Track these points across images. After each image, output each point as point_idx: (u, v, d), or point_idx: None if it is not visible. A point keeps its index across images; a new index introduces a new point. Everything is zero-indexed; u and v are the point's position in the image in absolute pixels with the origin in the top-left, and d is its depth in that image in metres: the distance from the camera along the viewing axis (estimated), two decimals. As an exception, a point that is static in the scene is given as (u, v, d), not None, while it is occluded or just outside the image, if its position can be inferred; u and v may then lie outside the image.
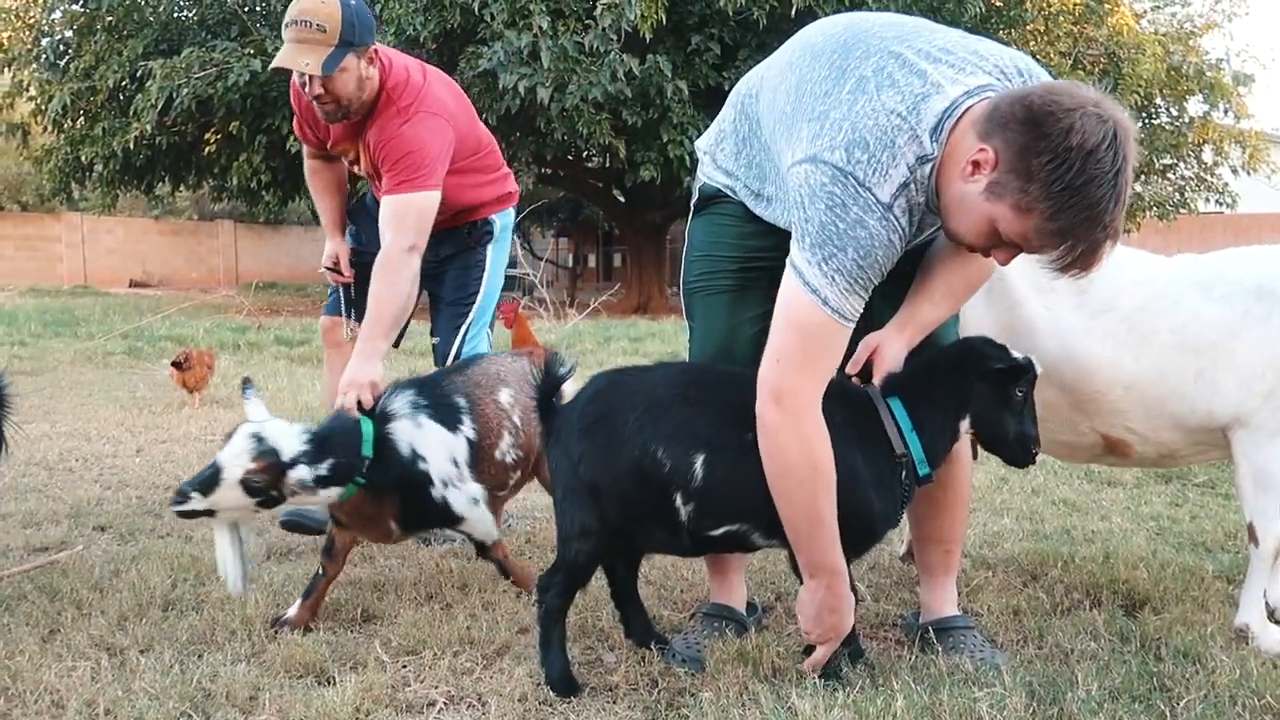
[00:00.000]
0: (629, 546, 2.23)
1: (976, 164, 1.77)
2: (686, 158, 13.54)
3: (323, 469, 2.39)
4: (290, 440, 2.40)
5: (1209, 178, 18.76)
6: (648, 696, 2.13)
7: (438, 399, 2.63)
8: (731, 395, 2.05)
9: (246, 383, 2.66)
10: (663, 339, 10.60)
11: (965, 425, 2.14)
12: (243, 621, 2.50)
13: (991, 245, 1.86)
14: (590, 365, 8.84)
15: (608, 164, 14.80)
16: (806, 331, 1.91)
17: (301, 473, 2.37)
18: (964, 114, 1.81)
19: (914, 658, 2.23)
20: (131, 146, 14.20)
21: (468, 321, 3.37)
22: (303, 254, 30.38)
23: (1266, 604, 2.46)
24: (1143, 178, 18.11)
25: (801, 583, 2.08)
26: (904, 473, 2.06)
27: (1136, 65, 15.00)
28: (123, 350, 9.52)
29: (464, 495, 2.58)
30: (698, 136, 12.38)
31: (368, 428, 2.50)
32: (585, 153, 15.55)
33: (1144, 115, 17.33)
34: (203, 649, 2.38)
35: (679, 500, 2.02)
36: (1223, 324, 2.34)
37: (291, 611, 2.55)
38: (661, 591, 2.83)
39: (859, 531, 2.03)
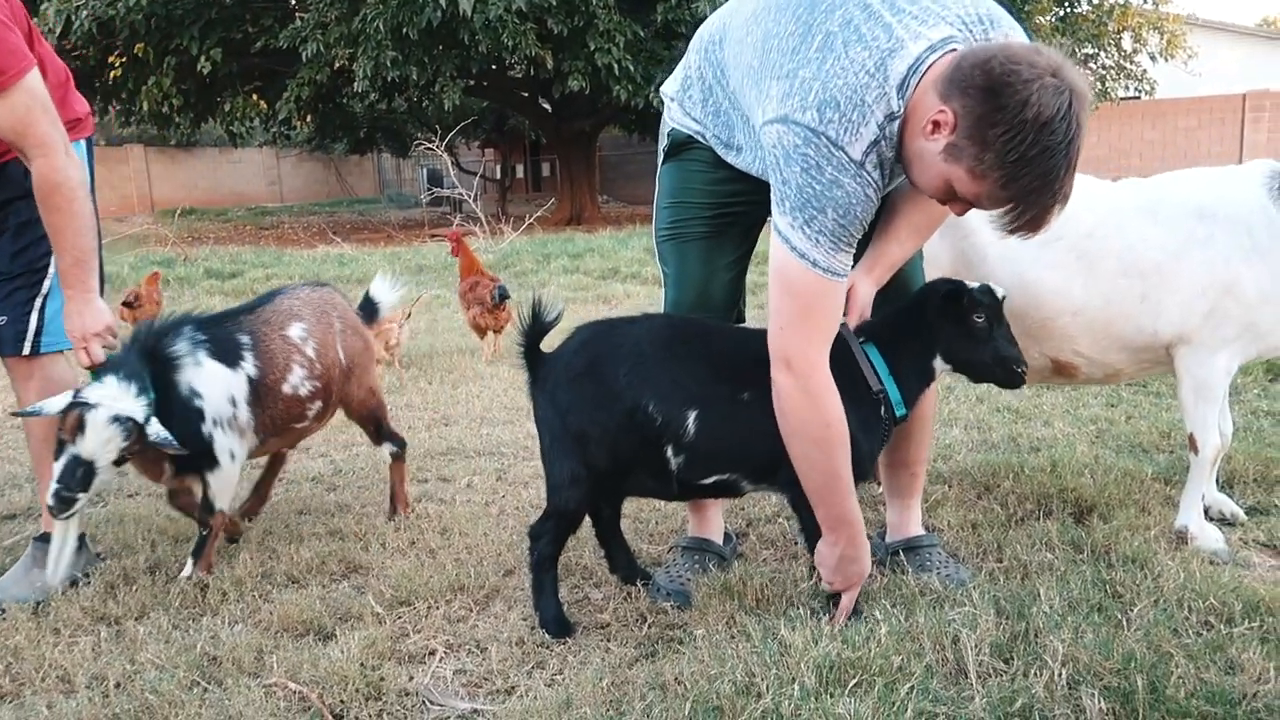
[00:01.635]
0: (614, 489, 2.31)
1: (936, 124, 1.82)
2: (615, 65, 13.34)
3: (154, 416, 2.43)
4: (131, 404, 2.39)
5: (1128, 65, 19.02)
6: (639, 632, 2.24)
7: (218, 336, 2.67)
8: (717, 348, 2.12)
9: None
10: (601, 254, 10.58)
11: (939, 364, 2.22)
12: (234, 583, 2.55)
13: (948, 199, 1.93)
14: (530, 285, 8.83)
15: (532, 73, 14.50)
16: (802, 295, 1.97)
17: (154, 428, 2.41)
18: (927, 70, 1.85)
19: (885, 579, 2.37)
20: (32, 74, 13.48)
21: (43, 292, 2.58)
22: (219, 177, 29.41)
23: (1204, 506, 2.65)
24: (1065, 68, 18.26)
25: (810, 552, 2.19)
26: (882, 408, 2.15)
27: (1059, -45, 15.02)
28: (46, 292, 9.20)
29: (227, 443, 2.62)
30: (625, 43, 12.29)
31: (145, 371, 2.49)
32: (509, 63, 15.20)
33: (1065, 3, 17.42)
34: (197, 613, 2.43)
35: (670, 452, 2.10)
36: (1166, 247, 2.45)
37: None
38: (637, 525, 2.92)
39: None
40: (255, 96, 18.45)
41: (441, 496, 3.25)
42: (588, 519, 2.40)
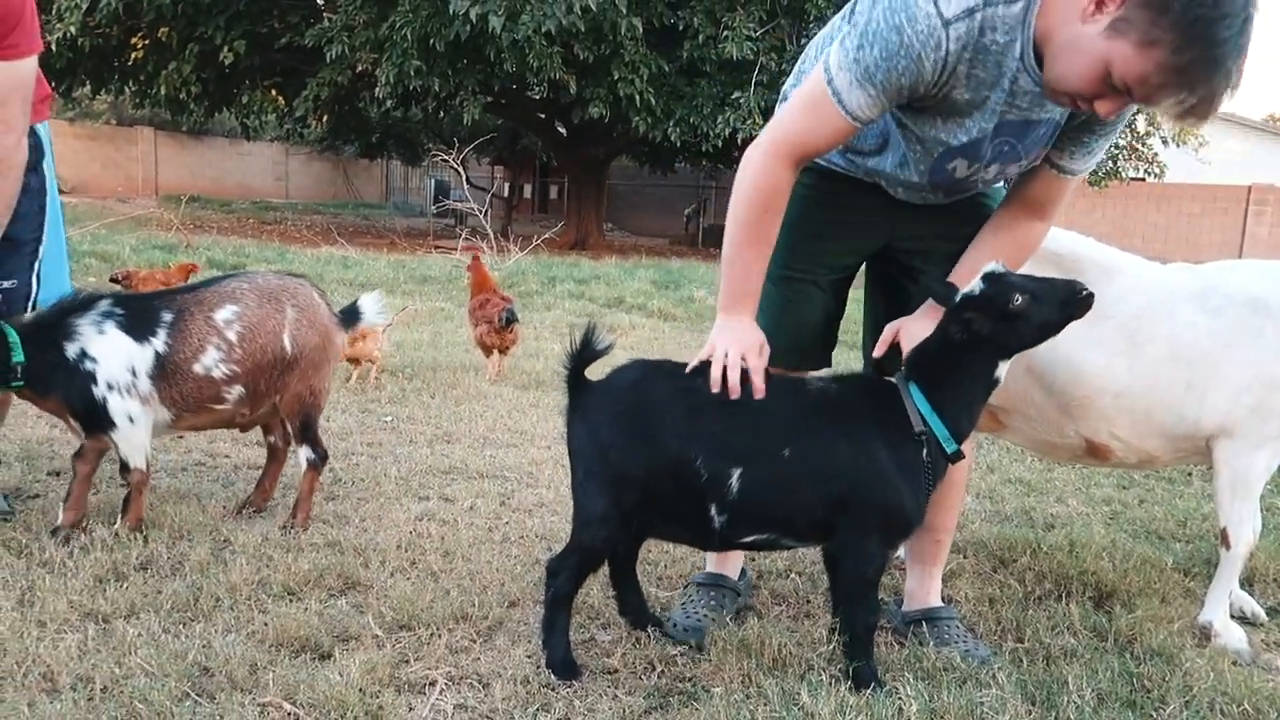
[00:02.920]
0: (640, 534, 2.24)
1: (1101, 2, 1.74)
2: (636, 97, 13.38)
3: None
4: None
5: (1140, 147, 19.18)
6: (648, 681, 2.16)
7: (137, 312, 2.83)
8: (767, 401, 2.05)
9: None
10: (608, 282, 10.53)
11: (1004, 367, 2.09)
12: (228, 589, 2.46)
13: (1097, 94, 1.81)
14: (536, 308, 8.78)
15: (552, 96, 14.52)
16: (805, 97, 2.03)
17: None
18: None
19: (907, 650, 2.29)
20: (54, 48, 13.43)
21: (40, 256, 2.88)
22: (227, 167, 29.38)
23: (1230, 603, 2.58)
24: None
25: (834, 612, 2.17)
26: (925, 450, 2.05)
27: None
28: (46, 266, 9.08)
29: (124, 406, 2.77)
30: (648, 76, 12.33)
31: (12, 335, 2.69)
32: (530, 84, 15.24)
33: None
34: (189, 617, 2.33)
35: (714, 509, 2.03)
36: (1216, 336, 2.41)
37: (60, 518, 2.81)
38: (645, 566, 2.84)
39: (891, 523, 2.05)
40: (274, 91, 18.43)
41: (444, 517, 3.17)
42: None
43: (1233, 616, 2.64)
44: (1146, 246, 23.73)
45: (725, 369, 2.04)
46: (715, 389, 2.02)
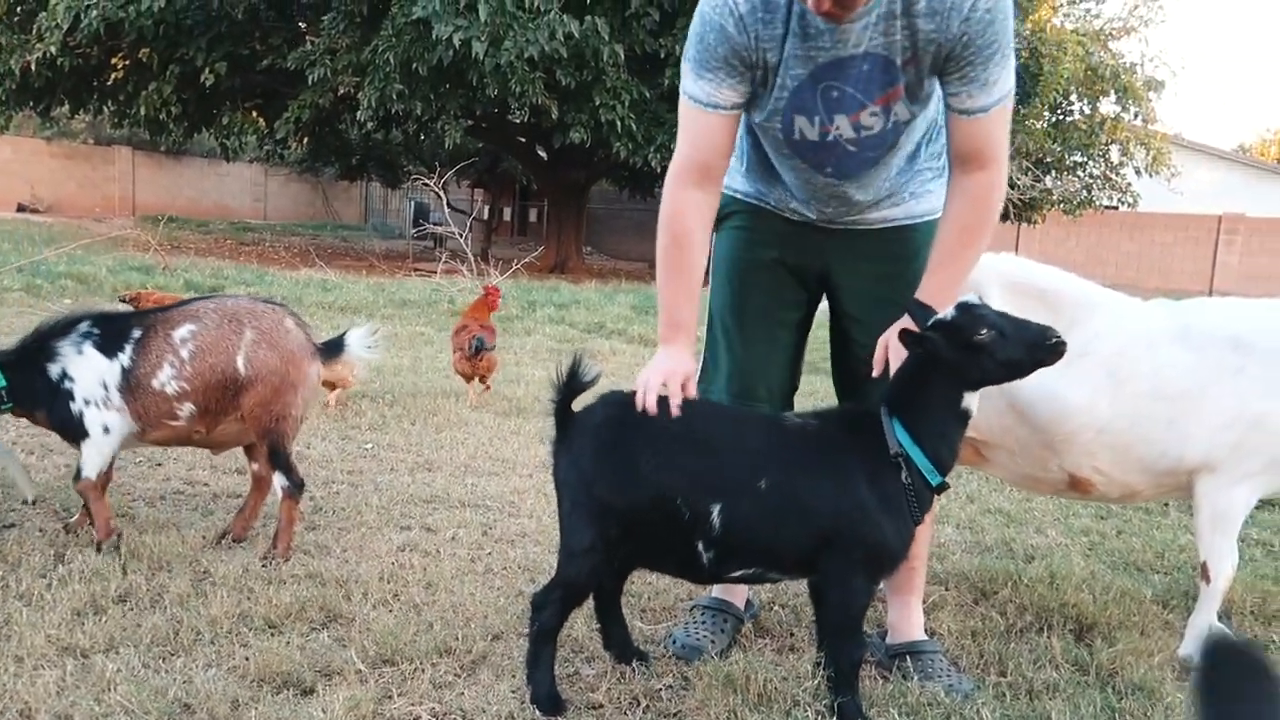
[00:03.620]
0: (626, 566, 2.24)
1: None
2: (618, 123, 13.43)
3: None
4: None
5: (1114, 176, 19.44)
6: (633, 717, 2.16)
7: (112, 330, 2.99)
8: (745, 438, 2.06)
9: None
10: (588, 307, 10.54)
11: (970, 398, 2.09)
12: (208, 623, 2.43)
13: None
14: (516, 332, 8.77)
15: (533, 120, 14.57)
16: (680, 121, 2.21)
17: None
18: None
19: (892, 685, 2.29)
20: (33, 68, 13.37)
21: None
22: (205, 187, 29.21)
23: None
24: (1053, 173, 18.68)
25: (819, 645, 2.18)
26: (905, 474, 2.05)
27: (1058, 64, 15.40)
28: (20, 287, 9.01)
29: (99, 418, 2.93)
30: (630, 102, 12.43)
31: None
32: (512, 108, 15.27)
33: (1059, 112, 17.84)
34: (169, 652, 2.31)
35: (700, 545, 2.03)
36: (1197, 373, 2.44)
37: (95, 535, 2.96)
38: (628, 599, 2.83)
39: (877, 557, 2.06)
40: (254, 112, 18.39)
41: (426, 548, 3.15)
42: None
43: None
44: (1119, 274, 24.03)
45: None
46: (640, 411, 2.07)
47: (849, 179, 2.26)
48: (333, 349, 3.19)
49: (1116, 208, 20.88)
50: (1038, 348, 2.04)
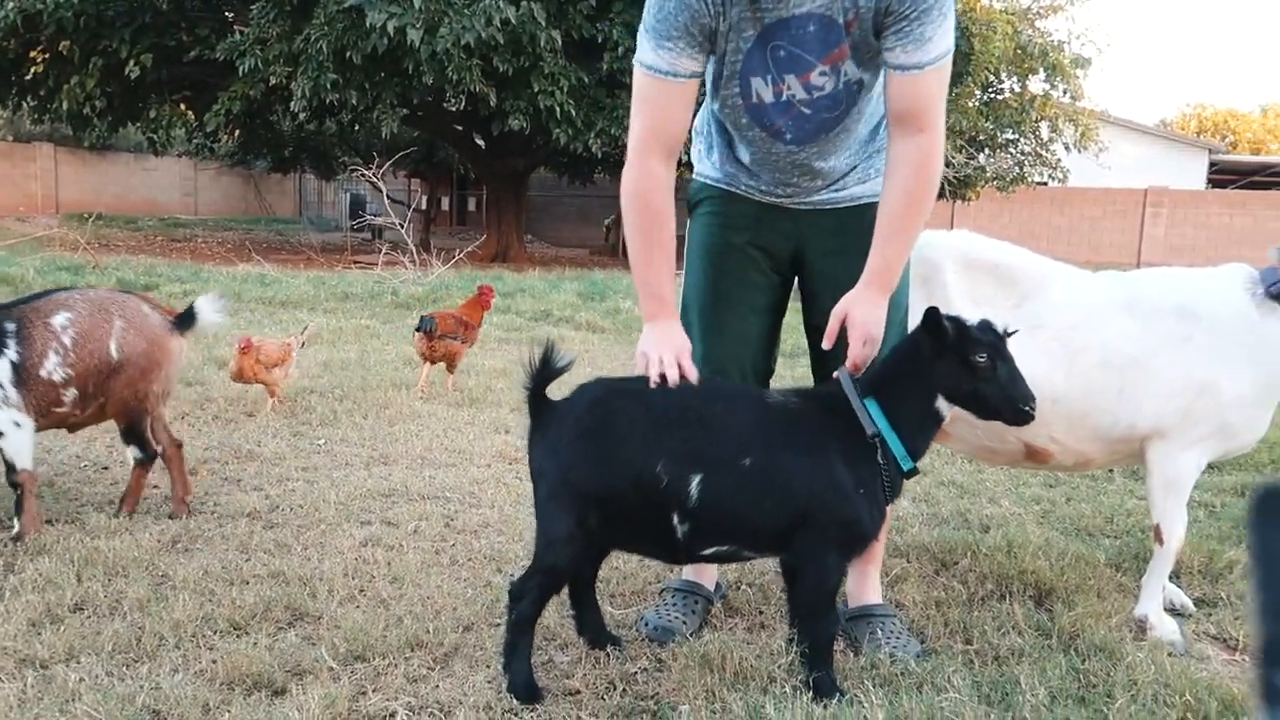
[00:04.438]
0: (603, 552, 2.24)
1: None
2: (557, 109, 13.35)
3: None
4: None
5: (1044, 153, 19.86)
6: (610, 702, 2.16)
7: None
8: (727, 414, 2.07)
9: None
10: (533, 295, 10.48)
11: (943, 405, 2.14)
12: (172, 627, 2.38)
13: None
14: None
15: (471, 108, 14.41)
16: (635, 94, 2.22)
17: None
18: None
19: (864, 659, 2.33)
20: (-54, 62, 12.86)
21: None
22: (132, 183, 28.43)
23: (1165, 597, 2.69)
24: (986, 150, 19.01)
25: (791, 623, 2.20)
26: (880, 454, 2.08)
27: (989, 43, 15.65)
28: (-57, 291, 8.70)
29: (6, 417, 2.99)
30: (569, 88, 12.41)
31: None
32: (448, 96, 15.09)
33: (990, 91, 18.14)
34: (133, 658, 2.26)
35: (675, 522, 2.04)
36: (1146, 344, 2.51)
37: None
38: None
39: (850, 536, 2.08)
40: (182, 105, 17.92)
41: (389, 542, 3.11)
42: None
43: (1164, 609, 2.75)
44: (1051, 249, 24.51)
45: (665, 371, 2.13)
46: (654, 385, 2.09)
47: (808, 144, 2.28)
48: (186, 320, 3.40)
49: (1047, 183, 21.33)
50: (1012, 404, 2.10)
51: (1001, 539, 3.22)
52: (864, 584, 2.61)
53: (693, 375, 2.12)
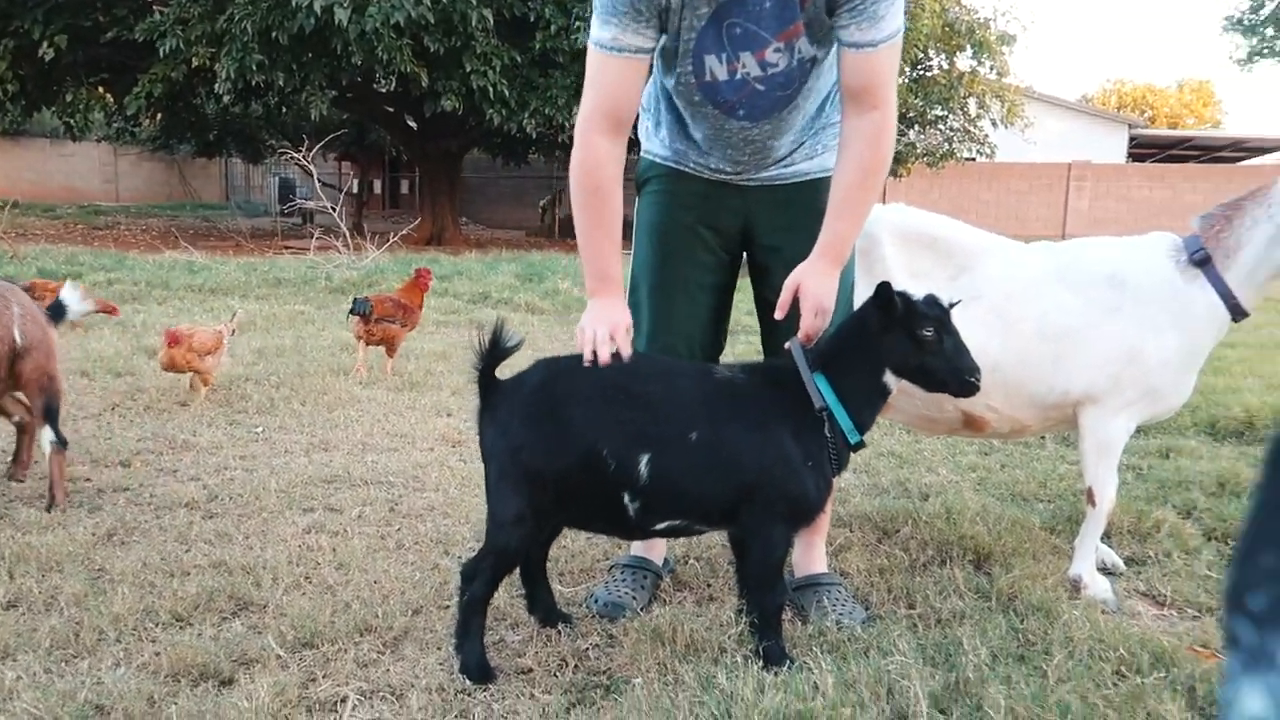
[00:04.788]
0: (555, 531, 2.24)
1: None
2: (490, 89, 13.22)
3: None
4: None
5: (972, 129, 20.22)
6: (563, 678, 2.17)
7: None
8: (674, 389, 2.08)
9: None
10: (470, 278, 10.39)
11: (890, 378, 2.18)
12: (111, 621, 2.33)
13: None
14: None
15: (401, 89, 14.19)
16: (588, 72, 2.22)
17: None
18: None
19: (812, 626, 2.37)
20: None
21: None
22: (48, 169, 27.54)
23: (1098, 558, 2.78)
24: (916, 127, 19.28)
25: (741, 594, 2.23)
26: (827, 427, 2.11)
27: (917, 21, 15.85)
28: None
29: None
30: (501, 68, 12.31)
31: None
32: (377, 77, 14.82)
33: (920, 68, 18.40)
34: (71, 654, 2.21)
35: (626, 498, 2.04)
36: (1079, 313, 2.58)
37: None
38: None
39: (797, 509, 2.11)
40: (101, 88, 17.34)
41: (333, 528, 3.08)
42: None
43: (1096, 568, 2.84)
44: (979, 222, 24.75)
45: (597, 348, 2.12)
46: (588, 363, 2.09)
47: (761, 121, 2.29)
48: (57, 312, 3.58)
49: (975, 159, 21.74)
50: (958, 376, 2.14)
51: (940, 506, 3.29)
52: (810, 554, 2.66)
53: (626, 351, 2.11)
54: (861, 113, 2.17)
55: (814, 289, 2.17)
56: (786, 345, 2.20)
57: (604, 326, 2.13)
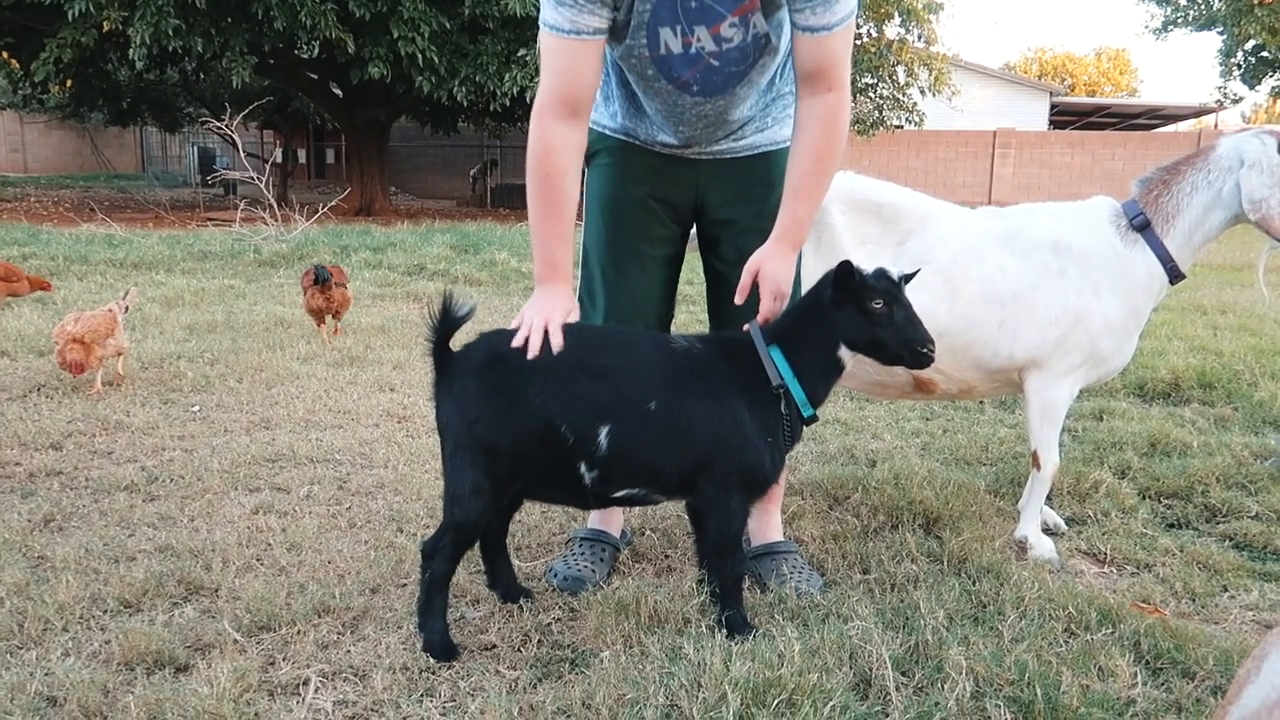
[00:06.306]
0: (514, 504, 2.22)
1: None
2: (418, 55, 12.95)
3: None
4: None
5: (901, 97, 20.42)
6: (527, 653, 2.16)
7: None
8: (632, 360, 2.08)
9: None
10: (404, 249, 10.21)
11: (845, 352, 2.19)
12: (56, 610, 2.26)
13: None
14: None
15: (325, 55, 13.83)
16: (542, 56, 2.20)
17: None
18: None
19: (772, 594, 2.40)
20: None
21: None
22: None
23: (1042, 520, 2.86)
24: (846, 95, 19.39)
25: (700, 564, 2.24)
26: (784, 404, 2.13)
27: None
28: None
29: None
30: (430, 34, 12.11)
31: None
32: (300, 43, 14.40)
33: (849, 35, 18.48)
34: (16, 646, 2.13)
35: (583, 468, 2.04)
36: (1024, 277, 2.63)
37: None
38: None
39: (752, 480, 2.13)
40: (5, 54, 16.58)
41: (281, 508, 3.02)
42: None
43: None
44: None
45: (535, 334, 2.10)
46: (518, 349, 2.06)
47: (715, 95, 2.28)
48: None
49: (903, 126, 22.00)
50: (911, 347, 2.15)
51: (889, 472, 3.35)
52: (766, 523, 2.69)
53: (557, 342, 2.08)
54: (816, 95, 2.18)
55: (772, 272, 2.19)
56: (745, 327, 2.21)
57: (540, 314, 2.11)
